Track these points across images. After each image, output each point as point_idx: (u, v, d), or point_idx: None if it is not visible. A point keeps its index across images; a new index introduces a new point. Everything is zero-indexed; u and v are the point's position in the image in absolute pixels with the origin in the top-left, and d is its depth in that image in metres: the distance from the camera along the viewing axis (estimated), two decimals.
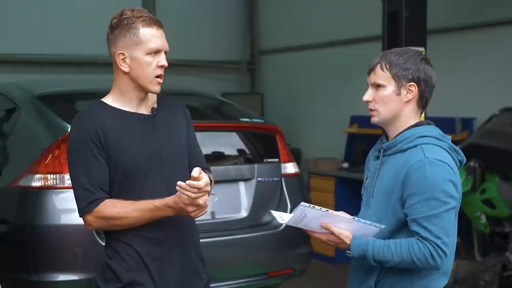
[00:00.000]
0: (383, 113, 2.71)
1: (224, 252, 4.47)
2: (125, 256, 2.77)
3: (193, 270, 2.91)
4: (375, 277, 2.70)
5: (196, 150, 3.02)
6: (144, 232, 2.75)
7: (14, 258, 4.18)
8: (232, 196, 4.57)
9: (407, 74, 2.66)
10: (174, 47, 10.51)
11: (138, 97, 2.80)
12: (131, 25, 2.72)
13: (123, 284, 2.76)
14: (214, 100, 5.38)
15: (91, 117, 2.75)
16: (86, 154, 2.71)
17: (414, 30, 5.12)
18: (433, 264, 2.55)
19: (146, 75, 2.74)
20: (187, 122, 2.99)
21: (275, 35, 10.53)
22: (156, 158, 2.79)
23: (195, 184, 2.57)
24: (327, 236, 2.69)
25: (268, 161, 4.70)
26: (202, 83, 9.96)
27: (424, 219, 2.54)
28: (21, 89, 4.95)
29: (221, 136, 4.71)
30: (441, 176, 2.56)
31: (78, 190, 2.73)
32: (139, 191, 2.75)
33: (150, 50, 2.72)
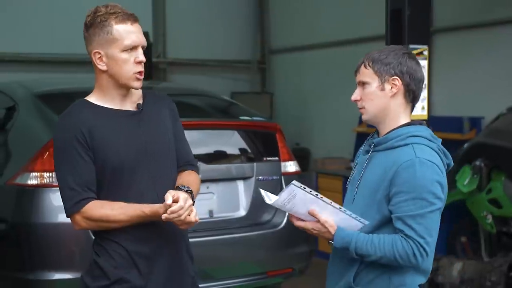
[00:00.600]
0: (371, 110, 2.73)
1: (222, 251, 4.46)
2: (113, 254, 2.76)
3: (182, 267, 2.90)
4: (354, 271, 2.71)
5: (184, 146, 3.00)
6: (133, 230, 2.74)
7: (10, 257, 4.18)
8: (231, 195, 4.55)
9: (389, 68, 2.68)
10: (185, 47, 10.66)
11: (120, 94, 2.78)
12: (104, 23, 2.68)
13: (111, 281, 2.75)
14: (216, 98, 5.36)
15: (75, 116, 2.73)
16: (71, 154, 2.69)
17: (417, 28, 5.05)
18: (414, 262, 2.58)
19: (124, 72, 2.70)
20: (173, 117, 2.96)
21: (285, 35, 10.50)
22: (143, 154, 2.77)
23: (176, 208, 2.60)
24: (313, 224, 2.69)
25: (268, 160, 4.68)
26: (212, 82, 9.96)
27: (410, 218, 2.56)
28: (21, 87, 4.96)
29: (221, 134, 4.69)
30: (430, 177, 2.57)
31: (65, 190, 2.72)
32: (127, 188, 2.74)
33: (126, 47, 2.68)
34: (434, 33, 7.86)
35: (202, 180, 4.36)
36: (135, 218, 2.69)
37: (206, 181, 4.44)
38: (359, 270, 2.70)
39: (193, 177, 2.94)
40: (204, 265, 4.35)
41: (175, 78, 10.12)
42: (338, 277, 2.78)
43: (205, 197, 4.41)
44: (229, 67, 10.63)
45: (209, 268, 4.40)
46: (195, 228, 4.29)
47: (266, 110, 9.71)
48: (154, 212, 2.67)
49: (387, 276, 2.67)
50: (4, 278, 4.25)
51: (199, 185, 2.96)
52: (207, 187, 4.47)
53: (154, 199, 2.74)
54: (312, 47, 9.73)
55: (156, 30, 10.00)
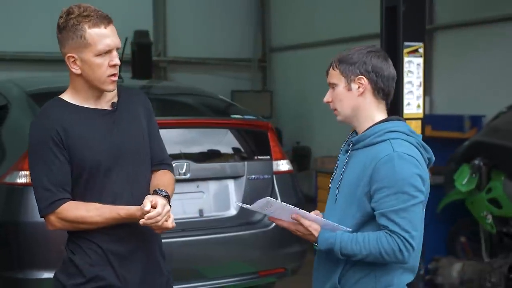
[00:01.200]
0: (342, 111, 2.74)
1: (212, 250, 4.44)
2: (88, 252, 2.74)
3: (156, 266, 2.88)
4: (339, 273, 2.69)
5: (159, 144, 2.97)
6: (108, 229, 2.72)
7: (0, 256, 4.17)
8: (221, 194, 4.52)
9: (353, 68, 2.68)
10: (185, 46, 10.63)
11: (95, 95, 2.76)
12: (77, 27, 2.64)
13: (86, 278, 2.73)
14: (209, 97, 5.33)
15: (50, 116, 2.71)
16: (47, 154, 2.66)
17: (412, 25, 5.00)
18: (400, 257, 2.54)
19: (98, 76, 2.68)
20: (148, 114, 2.93)
21: (286, 33, 10.47)
22: (119, 153, 2.75)
23: (154, 214, 2.60)
24: (296, 226, 2.69)
25: (259, 158, 4.64)
26: (213, 81, 9.94)
27: (393, 213, 2.53)
28: (14, 86, 4.95)
29: (212, 132, 4.67)
30: (409, 170, 2.55)
31: (39, 190, 2.70)
32: (101, 187, 2.72)
33: (99, 52, 2.65)
34: (434, 31, 7.81)
35: (192, 179, 4.39)
36: (110, 220, 2.68)
37: (196, 180, 4.43)
38: (345, 271, 2.68)
39: (168, 178, 2.92)
40: (194, 264, 4.35)
41: (175, 76, 10.10)
42: (324, 280, 2.76)
43: (195, 196, 4.39)
44: (230, 66, 10.61)
45: (200, 267, 4.38)
46: (185, 228, 4.31)
47: (266, 109, 9.67)
48: (130, 215, 2.66)
49: (373, 275, 2.64)
50: None
51: (174, 185, 2.94)
52: (197, 186, 4.45)
53: (129, 199, 2.73)
54: (313, 45, 9.70)
55: (156, 29, 9.99)
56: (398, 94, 4.99)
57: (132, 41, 9.31)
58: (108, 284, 2.74)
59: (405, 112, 5.03)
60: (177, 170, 4.30)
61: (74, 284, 2.74)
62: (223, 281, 4.46)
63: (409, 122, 4.97)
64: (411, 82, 5.05)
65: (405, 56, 5.00)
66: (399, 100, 5.00)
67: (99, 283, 2.73)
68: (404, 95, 5.02)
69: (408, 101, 5.04)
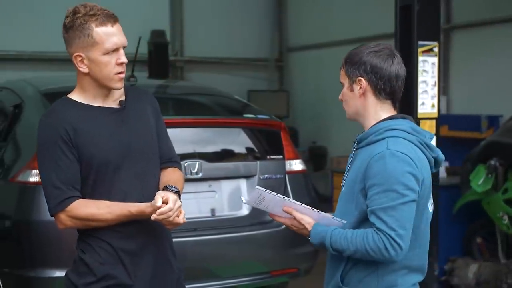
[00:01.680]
0: (348, 110, 2.76)
1: (224, 250, 4.43)
2: (99, 250, 2.74)
3: (167, 263, 2.89)
4: (341, 271, 2.68)
5: (167, 142, 2.98)
6: (118, 227, 2.72)
7: (12, 254, 4.20)
8: (234, 193, 4.50)
9: (354, 69, 2.67)
10: (202, 45, 10.62)
11: (102, 94, 2.77)
12: (84, 26, 2.65)
13: (97, 277, 2.73)
14: (223, 96, 5.32)
15: (59, 115, 2.73)
16: (56, 152, 2.67)
17: (426, 24, 4.95)
18: (387, 255, 2.52)
19: (106, 74, 2.69)
20: (156, 113, 2.94)
21: (303, 32, 10.45)
22: (127, 151, 2.76)
23: (166, 209, 2.61)
24: (291, 220, 2.70)
25: (272, 158, 4.62)
26: (229, 80, 9.94)
27: (381, 211, 2.52)
28: (29, 85, 4.98)
29: (224, 132, 4.66)
30: (400, 168, 2.53)
31: (49, 188, 2.70)
32: (110, 185, 2.73)
33: (107, 50, 2.66)
34: (452, 30, 7.76)
35: (204, 179, 4.39)
36: (121, 217, 2.69)
37: (209, 179, 4.43)
38: (347, 269, 2.67)
39: (178, 175, 2.93)
40: (206, 264, 4.35)
41: (192, 76, 10.12)
42: (330, 276, 2.75)
43: (207, 196, 4.39)
44: (247, 65, 10.60)
45: (212, 267, 4.38)
46: (197, 227, 4.31)
47: (282, 108, 9.66)
48: (141, 212, 2.67)
49: (375, 275, 2.62)
50: (6, 275, 4.26)
51: (183, 182, 2.95)
52: (209, 186, 4.45)
53: (139, 197, 2.73)
54: (329, 44, 9.66)
55: (173, 28, 10.02)
56: (412, 94, 4.96)
57: (149, 41, 9.34)
58: (119, 282, 2.75)
59: (419, 112, 4.98)
60: (189, 169, 4.31)
61: (85, 283, 2.75)
62: (235, 280, 4.45)
63: (423, 122, 5.01)
64: (425, 82, 5.00)
65: (419, 55, 4.96)
66: (413, 100, 4.96)
67: (110, 282, 2.74)
68: (419, 94, 4.98)
69: (422, 101, 5.00)
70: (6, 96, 5.14)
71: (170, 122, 4.36)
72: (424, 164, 2.64)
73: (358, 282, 2.65)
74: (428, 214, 2.71)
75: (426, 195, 2.66)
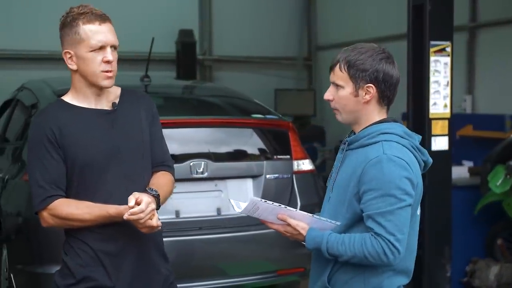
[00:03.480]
0: (343, 113, 2.69)
1: (230, 249, 4.46)
2: (80, 252, 2.79)
3: (150, 265, 2.89)
4: (328, 272, 2.68)
5: (161, 146, 3.00)
6: (98, 229, 2.76)
7: (22, 250, 4.31)
8: (240, 193, 4.52)
9: (364, 75, 2.60)
10: (231, 44, 10.65)
11: (94, 93, 2.82)
12: (72, 23, 2.73)
13: (77, 279, 2.78)
14: (234, 96, 5.35)
15: (47, 116, 2.80)
16: (41, 152, 2.74)
17: (439, 24, 4.92)
18: (385, 260, 2.53)
19: (92, 71, 2.74)
20: (151, 116, 2.96)
21: (332, 31, 10.42)
22: (115, 154, 2.79)
23: (137, 210, 2.63)
24: (284, 227, 2.69)
25: (278, 158, 4.64)
26: (258, 79, 9.97)
27: (379, 215, 2.51)
28: (46, 85, 5.08)
29: (231, 132, 4.69)
30: (397, 173, 2.52)
31: (34, 187, 2.76)
32: (95, 187, 2.77)
33: (92, 47, 2.72)
34: (477, 28, 7.66)
35: (209, 178, 4.43)
36: (99, 218, 2.72)
37: (214, 178, 4.47)
38: (334, 271, 2.67)
39: (166, 179, 2.95)
40: (212, 262, 4.39)
41: (220, 75, 10.18)
42: (316, 277, 2.76)
43: (213, 195, 4.43)
44: (275, 64, 10.61)
45: (217, 265, 4.42)
46: (202, 226, 4.36)
47: (309, 107, 9.65)
48: (119, 213, 2.69)
49: (362, 277, 2.63)
50: (18, 271, 4.38)
51: (172, 186, 2.97)
52: (215, 185, 4.49)
53: (123, 199, 2.73)
54: (358, 42, 9.60)
55: (202, 28, 10.09)
56: (423, 94, 4.94)
57: (177, 41, 9.44)
58: (98, 284, 2.77)
59: (431, 112, 4.95)
60: (195, 169, 4.36)
61: (66, 284, 2.80)
62: (241, 279, 4.48)
63: (435, 122, 4.98)
64: (437, 82, 4.97)
65: (431, 55, 4.92)
66: (425, 100, 4.93)
67: (90, 284, 2.77)
68: (430, 94, 4.94)
69: (434, 101, 4.96)
70: (25, 96, 5.28)
71: (178, 122, 4.45)
72: (417, 168, 2.64)
73: (344, 283, 2.65)
74: (416, 217, 2.70)
75: (418, 199, 2.65)
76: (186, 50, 9.39)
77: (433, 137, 4.97)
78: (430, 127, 4.96)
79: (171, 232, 4.29)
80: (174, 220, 4.32)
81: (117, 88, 2.91)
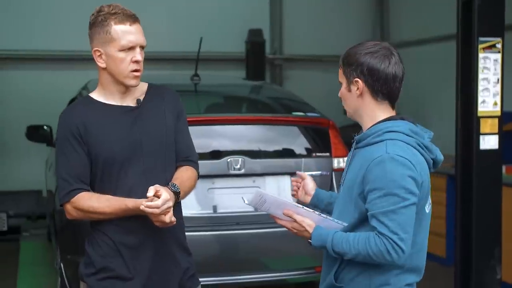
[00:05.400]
0: (347, 109, 2.76)
1: (267, 244, 4.52)
2: (101, 244, 2.91)
3: (170, 257, 2.98)
4: (335, 269, 2.70)
5: (185, 141, 3.06)
6: (119, 221, 2.87)
7: (70, 243, 4.51)
8: (277, 189, 4.58)
9: (351, 70, 2.66)
10: (302, 43, 10.61)
11: (119, 91, 2.91)
12: (103, 23, 2.83)
13: (96, 269, 2.91)
14: (279, 94, 5.40)
15: (73, 112, 2.92)
16: (67, 147, 2.87)
17: (488, 20, 4.80)
18: (389, 259, 2.53)
19: (121, 70, 2.84)
20: (177, 112, 3.04)
21: (404, 29, 10.25)
22: (137, 150, 2.89)
23: (153, 205, 2.71)
24: (291, 223, 2.73)
25: (318, 155, 4.66)
26: (328, 78, 9.90)
27: (382, 215, 2.52)
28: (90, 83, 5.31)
29: (272, 129, 4.75)
30: (400, 172, 2.52)
31: (59, 180, 2.90)
32: (116, 181, 2.87)
33: (122, 47, 2.82)
34: None
35: (248, 174, 4.50)
36: (118, 211, 2.82)
37: (252, 175, 4.53)
38: (341, 269, 2.69)
39: (189, 174, 3.02)
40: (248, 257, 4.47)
41: (290, 74, 10.22)
42: (325, 275, 2.79)
43: (251, 191, 4.47)
44: None
45: (257, 260, 4.49)
46: (239, 221, 4.44)
47: None
48: (137, 206, 2.77)
49: (367, 274, 2.64)
50: (67, 261, 4.58)
51: (195, 182, 3.04)
52: (253, 181, 4.56)
53: (144, 194, 2.81)
54: (431, 40, 9.44)
55: (273, 27, 10.15)
56: (471, 91, 4.84)
57: (246, 40, 9.55)
58: (117, 274, 2.89)
59: (480, 110, 4.84)
60: (232, 165, 4.44)
61: (87, 273, 2.94)
62: (279, 274, 4.54)
63: (484, 120, 4.87)
64: (487, 79, 4.85)
65: (480, 52, 4.81)
66: (473, 98, 4.83)
67: (108, 273, 2.89)
68: (479, 92, 4.84)
69: (483, 99, 4.85)
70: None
71: (220, 119, 4.56)
72: (423, 167, 2.63)
73: (350, 280, 2.67)
74: (425, 215, 2.69)
75: (424, 197, 2.64)
76: (255, 49, 9.47)
77: (481, 135, 4.86)
78: (478, 126, 4.85)
79: (208, 226, 4.41)
80: (211, 215, 4.42)
81: (144, 84, 3.01)
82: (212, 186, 4.44)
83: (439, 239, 7.13)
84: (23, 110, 9.06)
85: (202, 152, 4.34)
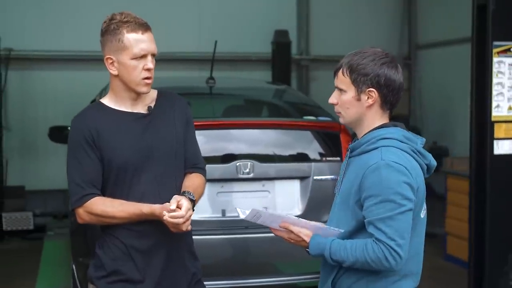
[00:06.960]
0: (347, 117, 2.75)
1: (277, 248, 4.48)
2: (112, 247, 2.96)
3: (180, 262, 3.02)
4: (333, 276, 2.73)
5: (194, 148, 3.12)
6: (131, 226, 2.92)
7: (82, 245, 4.57)
8: (287, 194, 4.59)
9: (366, 80, 2.64)
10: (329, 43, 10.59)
11: (130, 97, 2.96)
12: (116, 31, 2.87)
13: (107, 272, 2.95)
14: (291, 97, 5.40)
15: (86, 117, 2.97)
16: (80, 152, 2.91)
17: (503, 24, 4.76)
18: (387, 265, 2.56)
19: (133, 78, 2.89)
20: (186, 119, 3.09)
21: (433, 29, 10.16)
22: (148, 156, 2.93)
23: (178, 215, 2.77)
24: (288, 233, 2.76)
25: (328, 160, 4.65)
26: None
27: (379, 221, 2.55)
28: None
29: (282, 133, 4.75)
30: (396, 179, 2.55)
31: (71, 185, 2.94)
32: (129, 187, 2.92)
33: (135, 55, 2.86)
34: None
35: (257, 178, 4.52)
36: (133, 216, 2.87)
37: (262, 179, 4.55)
38: (338, 276, 2.72)
39: (199, 181, 3.07)
40: (257, 261, 4.48)
41: (317, 74, 10.20)
42: (323, 282, 2.82)
43: (260, 195, 4.52)
44: None
45: (266, 263, 4.50)
46: (248, 225, 4.44)
47: (404, 107, 9.49)
48: (152, 212, 2.83)
49: (365, 281, 2.67)
50: (79, 263, 4.65)
51: (204, 188, 3.09)
52: (263, 185, 4.57)
53: (155, 198, 2.89)
54: (459, 41, 9.33)
55: (300, 27, 10.14)
56: (485, 96, 4.80)
57: (272, 41, 9.56)
58: (127, 278, 2.94)
59: (494, 115, 4.80)
60: (241, 169, 4.46)
61: (97, 276, 2.98)
62: (287, 278, 4.55)
63: (498, 125, 4.83)
64: (501, 83, 4.81)
65: (494, 56, 4.77)
66: (487, 103, 4.79)
67: (119, 277, 2.94)
68: (493, 96, 4.79)
69: (497, 103, 4.81)
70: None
71: (230, 124, 4.58)
72: (418, 173, 2.65)
73: (348, 287, 2.70)
74: (420, 220, 2.71)
75: (420, 203, 2.66)
76: (281, 50, 9.48)
77: (495, 140, 4.82)
78: (492, 130, 4.81)
79: (217, 230, 4.44)
80: (220, 219, 4.45)
81: (154, 91, 3.05)
82: (221, 190, 4.48)
83: (463, 242, 7.09)
84: (51, 110, 9.22)
85: (211, 156, 4.40)
